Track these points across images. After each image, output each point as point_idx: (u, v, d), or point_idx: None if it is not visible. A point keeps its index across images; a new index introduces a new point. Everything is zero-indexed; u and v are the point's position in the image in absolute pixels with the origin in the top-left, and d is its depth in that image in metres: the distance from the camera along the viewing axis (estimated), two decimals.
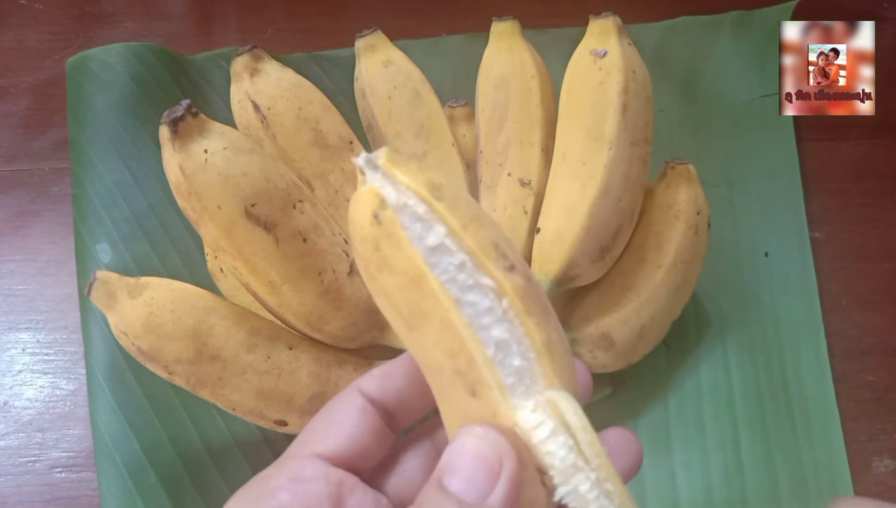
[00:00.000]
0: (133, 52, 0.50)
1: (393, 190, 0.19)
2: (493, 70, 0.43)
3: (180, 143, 0.32)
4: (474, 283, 0.19)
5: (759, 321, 0.46)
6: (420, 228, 0.19)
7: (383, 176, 0.19)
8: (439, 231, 0.19)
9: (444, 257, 0.19)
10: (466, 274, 0.19)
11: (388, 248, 0.19)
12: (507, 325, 0.19)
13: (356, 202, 0.20)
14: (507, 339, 0.19)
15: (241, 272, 0.35)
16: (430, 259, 0.19)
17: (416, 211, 0.19)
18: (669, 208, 0.41)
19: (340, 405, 0.23)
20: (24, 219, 0.50)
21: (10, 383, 0.45)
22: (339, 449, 0.22)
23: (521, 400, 0.19)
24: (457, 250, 0.19)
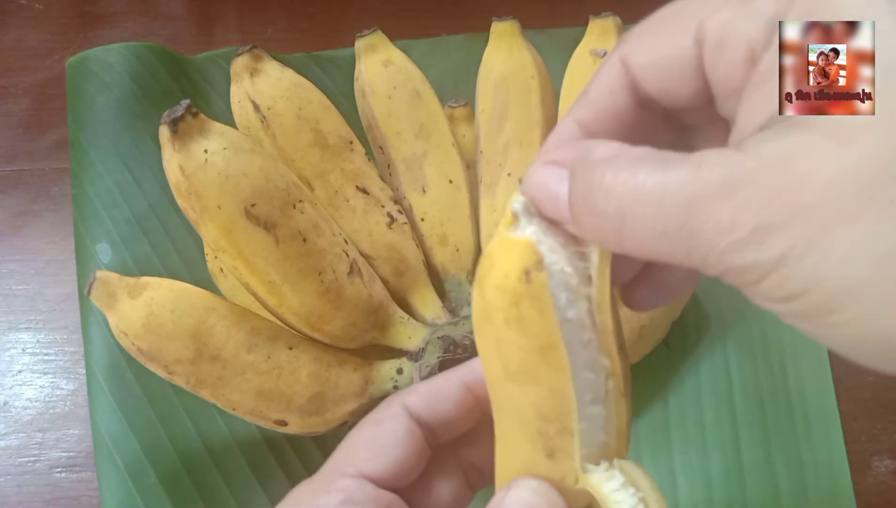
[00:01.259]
0: (133, 52, 0.50)
1: (549, 248, 0.18)
2: (493, 70, 0.43)
3: (180, 143, 0.32)
4: (593, 361, 0.19)
5: (759, 321, 0.46)
6: (566, 298, 0.18)
7: (540, 229, 0.19)
8: (582, 307, 0.19)
9: (578, 330, 0.19)
10: (589, 352, 0.19)
11: (530, 310, 0.18)
12: (603, 405, 0.20)
13: (506, 249, 0.19)
14: (601, 416, 0.20)
15: (241, 272, 0.35)
16: (565, 330, 0.18)
17: (569, 281, 0.18)
18: None
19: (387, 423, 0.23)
20: (24, 219, 0.50)
21: (10, 383, 0.45)
22: (386, 472, 0.22)
23: (591, 466, 0.20)
24: (589, 328, 0.19)
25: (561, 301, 0.18)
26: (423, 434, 0.23)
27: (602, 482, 0.20)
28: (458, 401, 0.23)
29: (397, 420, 0.23)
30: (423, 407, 0.23)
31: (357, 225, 0.41)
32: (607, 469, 0.20)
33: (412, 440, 0.23)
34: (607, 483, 0.19)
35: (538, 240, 0.18)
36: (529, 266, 0.18)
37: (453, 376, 0.24)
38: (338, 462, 0.23)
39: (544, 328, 0.18)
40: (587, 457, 0.20)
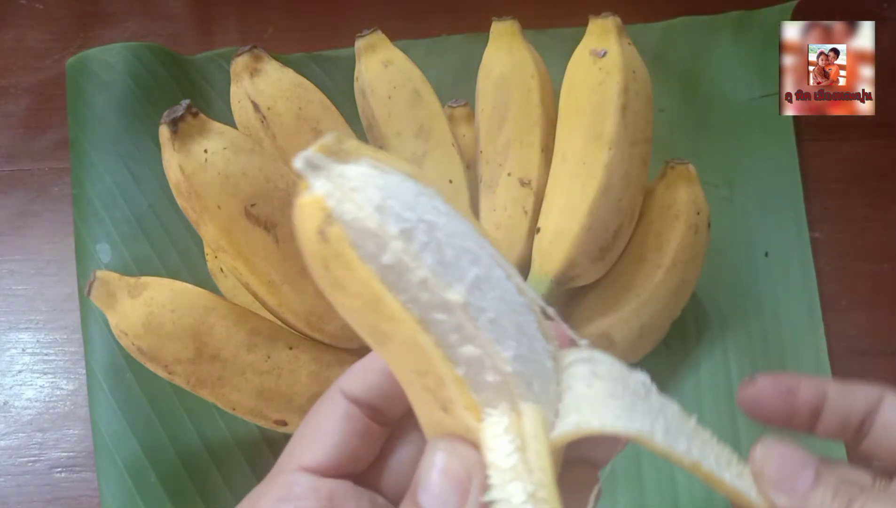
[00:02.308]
0: (133, 52, 0.50)
1: (339, 196, 0.17)
2: (493, 70, 0.43)
3: (180, 143, 0.32)
4: (439, 301, 0.17)
5: (759, 321, 0.46)
6: (374, 245, 0.17)
7: (328, 178, 0.17)
8: (396, 247, 0.17)
9: (404, 274, 0.17)
10: (430, 292, 0.17)
11: (339, 269, 0.17)
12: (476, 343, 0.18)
13: (298, 213, 0.17)
14: (479, 355, 0.18)
15: (241, 272, 0.35)
16: (387, 278, 0.17)
17: (367, 225, 0.17)
18: (669, 208, 0.41)
19: (324, 411, 0.22)
20: (24, 219, 0.50)
21: (10, 383, 0.45)
22: (326, 460, 0.21)
23: (490, 411, 0.18)
24: (416, 267, 0.17)
25: (368, 249, 0.17)
26: (365, 414, 0.22)
27: (487, 424, 0.18)
28: (389, 372, 0.22)
29: (333, 405, 0.22)
30: (358, 386, 0.22)
31: None
32: (503, 413, 0.18)
33: (351, 422, 0.22)
34: (491, 426, 0.18)
35: (327, 193, 0.17)
36: (320, 224, 0.17)
37: None
38: (282, 460, 0.22)
39: (361, 283, 0.17)
40: (486, 402, 0.18)
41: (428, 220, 0.17)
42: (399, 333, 0.18)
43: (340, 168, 0.17)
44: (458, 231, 0.18)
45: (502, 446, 0.18)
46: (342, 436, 0.22)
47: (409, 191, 0.17)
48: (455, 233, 0.18)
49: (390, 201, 0.17)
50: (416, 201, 0.17)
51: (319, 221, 0.17)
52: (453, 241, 0.18)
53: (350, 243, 0.17)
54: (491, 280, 0.18)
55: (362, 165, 0.17)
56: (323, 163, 0.17)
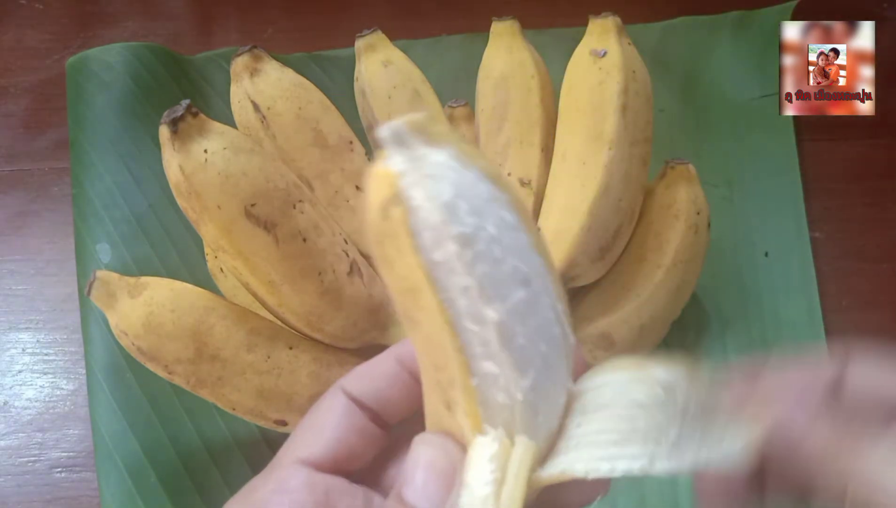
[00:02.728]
0: (133, 52, 0.50)
1: (413, 179, 0.16)
2: (493, 70, 0.43)
3: (180, 143, 0.32)
4: (477, 312, 0.17)
5: (759, 320, 0.46)
6: (430, 238, 0.17)
7: (408, 157, 0.17)
8: (450, 250, 0.17)
9: (451, 276, 0.17)
10: (469, 301, 0.17)
11: (391, 248, 0.17)
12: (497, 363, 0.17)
13: (370, 179, 0.17)
14: (496, 374, 0.18)
15: (241, 272, 0.35)
16: (433, 272, 0.17)
17: (430, 218, 0.16)
18: (669, 208, 0.41)
19: (324, 407, 0.23)
20: (24, 219, 0.50)
21: (10, 383, 0.45)
22: (323, 454, 0.21)
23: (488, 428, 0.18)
24: (464, 274, 0.17)
25: (424, 240, 0.16)
26: (365, 415, 0.22)
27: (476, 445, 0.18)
28: (393, 378, 0.22)
29: (333, 402, 0.22)
30: (359, 388, 0.22)
31: (357, 225, 0.41)
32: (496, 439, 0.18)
33: (349, 420, 0.22)
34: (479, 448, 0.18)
35: (402, 171, 0.16)
36: (386, 201, 0.16)
37: (388, 353, 0.23)
38: (280, 455, 0.22)
39: (408, 268, 0.17)
40: (489, 418, 0.18)
41: (490, 231, 0.17)
42: (429, 325, 0.18)
43: (423, 150, 0.17)
44: (518, 248, 0.17)
45: (482, 472, 0.17)
46: (341, 432, 0.22)
47: (481, 194, 0.17)
48: (514, 250, 0.17)
49: (459, 201, 0.17)
50: (486, 207, 0.17)
51: (386, 196, 0.16)
52: (509, 258, 0.17)
53: (409, 228, 0.16)
54: (534, 307, 0.18)
55: (445, 153, 0.17)
56: (407, 139, 0.17)
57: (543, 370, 0.18)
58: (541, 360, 0.18)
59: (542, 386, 0.18)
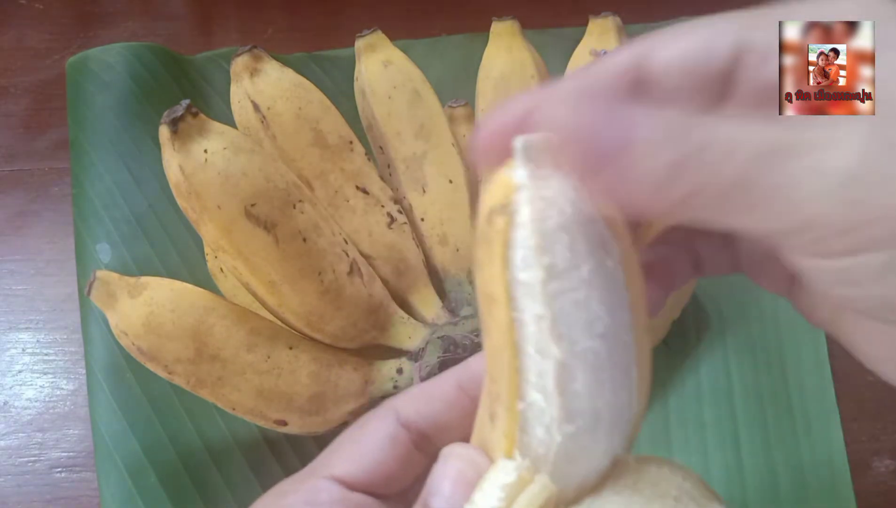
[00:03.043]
0: (133, 52, 0.50)
1: (528, 196, 0.17)
2: (493, 70, 0.43)
3: (180, 143, 0.32)
4: (542, 344, 0.17)
5: (759, 320, 0.46)
6: (521, 257, 0.17)
7: (532, 173, 0.17)
8: (537, 276, 0.17)
9: (529, 301, 0.17)
10: (539, 330, 0.17)
11: (484, 252, 0.17)
12: (545, 398, 0.18)
13: (493, 180, 0.17)
14: (542, 409, 0.18)
15: (241, 272, 0.35)
16: (514, 290, 0.17)
17: (529, 240, 0.17)
18: None
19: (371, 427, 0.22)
20: (24, 219, 0.50)
21: (10, 383, 0.45)
22: (360, 476, 0.21)
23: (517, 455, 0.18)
24: (541, 303, 0.17)
25: (516, 257, 0.17)
26: (410, 440, 0.22)
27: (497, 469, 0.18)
28: (451, 403, 0.22)
29: (382, 424, 0.22)
30: (414, 411, 0.22)
31: (357, 225, 0.41)
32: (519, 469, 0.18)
33: (394, 445, 0.22)
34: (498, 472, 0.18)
35: (520, 185, 0.17)
36: (496, 207, 0.17)
37: (448, 376, 0.23)
38: (317, 464, 0.22)
39: (492, 277, 0.17)
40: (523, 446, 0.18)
41: (583, 273, 0.17)
42: (497, 336, 0.18)
43: (549, 172, 0.17)
44: (609, 302, 0.17)
45: (490, 496, 0.18)
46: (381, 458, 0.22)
47: (589, 234, 0.17)
48: (603, 301, 0.17)
49: (562, 233, 0.17)
50: (588, 249, 0.17)
51: (497, 203, 0.17)
52: (595, 306, 0.17)
53: (506, 240, 0.17)
54: (604, 362, 0.18)
55: (570, 182, 0.17)
56: (539, 156, 0.17)
57: (594, 424, 0.18)
58: (593, 414, 0.18)
59: (586, 440, 0.18)
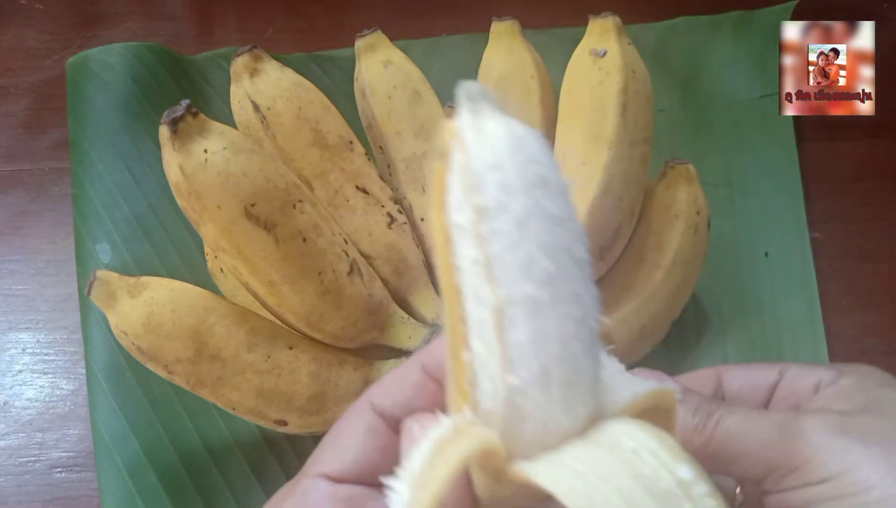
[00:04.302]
0: (133, 52, 0.50)
1: (463, 138, 0.16)
2: (493, 70, 0.43)
3: (180, 143, 0.32)
4: (477, 291, 0.17)
5: (759, 321, 0.46)
6: (456, 200, 0.17)
7: (471, 120, 0.17)
8: (468, 217, 0.16)
9: (465, 245, 0.17)
10: (475, 274, 0.17)
11: (432, 199, 0.17)
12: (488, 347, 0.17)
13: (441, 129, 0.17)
14: (486, 358, 0.17)
15: (241, 272, 0.35)
16: (453, 234, 0.17)
17: (460, 181, 0.16)
18: (669, 208, 0.41)
19: (349, 422, 0.23)
20: (24, 219, 0.50)
21: (10, 383, 0.45)
22: (345, 469, 0.22)
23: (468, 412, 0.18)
24: (475, 247, 0.16)
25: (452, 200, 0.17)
26: (388, 427, 0.22)
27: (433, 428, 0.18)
28: (420, 388, 0.22)
29: (359, 417, 0.23)
30: (387, 400, 0.22)
31: (357, 225, 0.41)
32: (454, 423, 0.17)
33: (372, 435, 0.22)
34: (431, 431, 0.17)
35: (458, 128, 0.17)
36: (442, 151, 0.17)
37: (413, 361, 0.23)
38: (306, 466, 0.23)
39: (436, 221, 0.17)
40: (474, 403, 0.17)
41: (516, 213, 0.16)
42: (443, 283, 0.17)
43: (489, 117, 0.17)
44: (550, 245, 0.17)
45: (421, 451, 0.17)
46: (362, 449, 0.22)
47: (524, 175, 0.16)
48: (543, 244, 0.16)
49: (493, 172, 0.16)
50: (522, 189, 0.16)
51: (441, 147, 0.17)
52: (532, 249, 0.16)
53: (443, 185, 0.17)
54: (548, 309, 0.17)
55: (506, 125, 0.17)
56: (480, 102, 0.17)
57: (542, 378, 0.17)
58: (540, 367, 0.17)
59: (537, 395, 0.17)
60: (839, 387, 0.26)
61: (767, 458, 0.24)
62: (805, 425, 0.24)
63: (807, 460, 0.23)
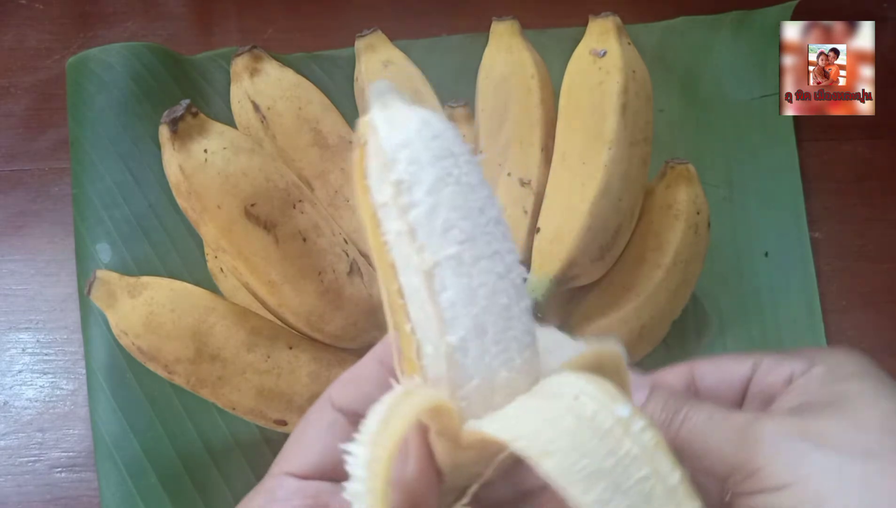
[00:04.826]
0: (133, 52, 0.50)
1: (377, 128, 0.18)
2: (493, 70, 0.43)
3: (180, 143, 0.32)
4: (406, 260, 0.18)
5: (759, 321, 0.46)
6: (375, 181, 0.18)
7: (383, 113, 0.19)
8: (387, 193, 0.18)
9: (389, 220, 0.18)
10: (401, 245, 0.18)
11: (357, 189, 0.19)
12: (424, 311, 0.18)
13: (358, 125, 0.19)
14: (424, 323, 0.18)
15: (241, 272, 0.35)
16: (378, 213, 0.19)
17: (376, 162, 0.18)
18: (669, 208, 0.41)
19: (312, 419, 0.23)
20: (24, 219, 0.50)
21: (10, 383, 0.45)
22: (309, 466, 0.22)
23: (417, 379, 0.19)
24: (397, 219, 0.18)
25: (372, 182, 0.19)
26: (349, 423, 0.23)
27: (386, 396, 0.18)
28: (377, 381, 0.23)
29: (320, 414, 0.23)
30: (346, 396, 0.23)
31: (357, 225, 0.41)
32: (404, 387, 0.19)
33: (334, 431, 0.22)
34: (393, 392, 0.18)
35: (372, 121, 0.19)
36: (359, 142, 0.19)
37: (370, 356, 0.24)
38: (273, 466, 0.23)
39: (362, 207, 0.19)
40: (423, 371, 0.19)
41: (427, 182, 0.18)
42: (378, 263, 0.19)
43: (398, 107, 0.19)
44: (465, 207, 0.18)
45: (376, 412, 0.18)
46: (325, 445, 0.22)
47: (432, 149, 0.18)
48: (458, 207, 0.18)
49: (403, 150, 0.18)
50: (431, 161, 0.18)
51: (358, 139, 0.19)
52: (447, 213, 0.18)
53: (363, 170, 0.18)
54: (472, 267, 0.18)
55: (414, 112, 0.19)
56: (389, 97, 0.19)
57: (478, 334, 0.18)
58: (474, 323, 0.18)
59: (476, 351, 0.18)
60: (809, 379, 0.25)
61: (727, 460, 0.24)
62: (764, 429, 0.23)
63: (762, 466, 0.23)
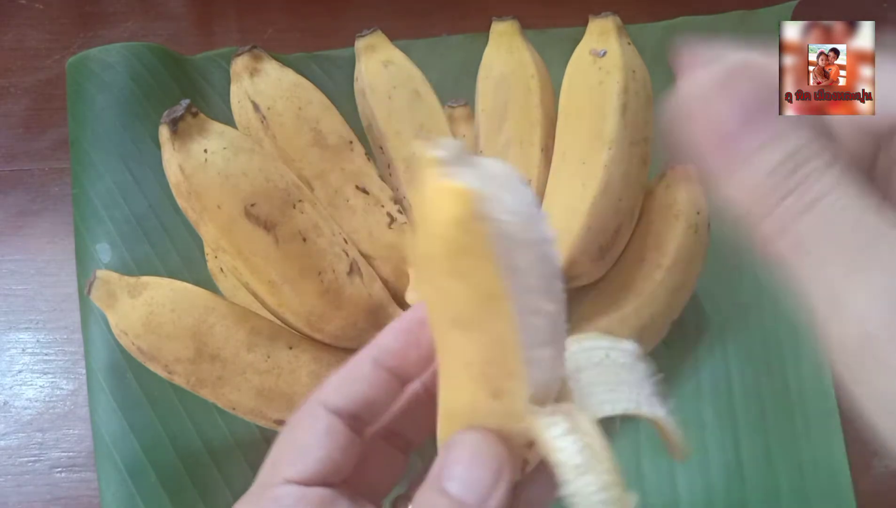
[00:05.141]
0: (133, 52, 0.50)
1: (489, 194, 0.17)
2: (493, 70, 0.43)
3: (180, 142, 0.32)
4: (538, 309, 0.19)
5: (759, 321, 0.46)
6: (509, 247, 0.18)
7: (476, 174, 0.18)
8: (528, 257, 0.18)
9: (521, 277, 0.18)
10: (531, 298, 0.18)
11: (469, 260, 0.18)
12: (551, 346, 0.19)
13: (435, 197, 0.18)
14: (548, 358, 0.19)
15: (241, 272, 0.35)
16: (507, 279, 0.18)
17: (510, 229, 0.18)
18: (669, 208, 0.41)
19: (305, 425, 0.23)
20: (24, 219, 0.50)
21: (10, 383, 0.45)
22: (310, 473, 0.22)
23: (537, 408, 0.20)
24: (532, 276, 0.18)
25: (504, 249, 0.18)
26: (346, 426, 0.23)
27: (546, 427, 0.19)
28: (371, 381, 0.23)
29: (314, 419, 0.23)
30: (341, 398, 0.23)
31: (357, 225, 0.41)
32: (552, 414, 0.20)
33: (333, 437, 0.22)
34: (551, 428, 0.19)
35: (476, 186, 0.17)
36: (463, 215, 0.17)
37: (362, 356, 0.23)
38: (266, 474, 0.23)
39: (487, 279, 0.18)
40: (534, 398, 0.20)
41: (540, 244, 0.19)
42: (493, 327, 0.19)
43: (483, 165, 0.18)
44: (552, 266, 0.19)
45: (570, 446, 0.19)
46: (325, 451, 0.22)
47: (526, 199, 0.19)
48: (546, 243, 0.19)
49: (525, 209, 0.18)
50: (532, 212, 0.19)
51: (463, 212, 0.17)
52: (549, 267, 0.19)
53: (492, 241, 0.17)
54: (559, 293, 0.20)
55: (500, 165, 0.19)
56: (464, 156, 0.18)
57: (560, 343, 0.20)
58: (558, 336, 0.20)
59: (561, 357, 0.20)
60: None
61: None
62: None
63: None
